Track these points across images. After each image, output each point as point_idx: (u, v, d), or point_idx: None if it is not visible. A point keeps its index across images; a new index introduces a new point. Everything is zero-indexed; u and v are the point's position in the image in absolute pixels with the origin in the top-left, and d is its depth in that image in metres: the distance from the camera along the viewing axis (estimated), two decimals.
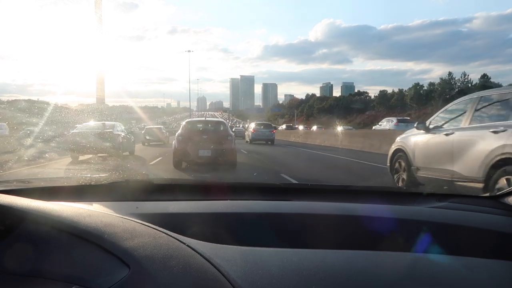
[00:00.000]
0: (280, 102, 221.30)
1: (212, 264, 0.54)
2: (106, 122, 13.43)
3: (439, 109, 5.16)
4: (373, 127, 25.87)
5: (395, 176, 5.46)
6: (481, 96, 4.25)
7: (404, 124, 20.04)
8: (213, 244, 0.65)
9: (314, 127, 44.56)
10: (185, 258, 0.54)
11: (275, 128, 30.62)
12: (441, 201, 1.10)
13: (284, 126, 51.55)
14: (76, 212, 0.65)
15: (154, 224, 0.67)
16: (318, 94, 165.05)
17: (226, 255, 0.60)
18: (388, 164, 5.68)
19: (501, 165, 3.44)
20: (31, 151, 12.01)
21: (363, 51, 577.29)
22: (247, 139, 23.80)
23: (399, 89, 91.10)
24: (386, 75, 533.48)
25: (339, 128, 28.82)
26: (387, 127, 20.97)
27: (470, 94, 4.64)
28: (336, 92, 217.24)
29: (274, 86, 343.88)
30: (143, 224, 0.65)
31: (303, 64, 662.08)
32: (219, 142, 8.78)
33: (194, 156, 8.50)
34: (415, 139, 5.06)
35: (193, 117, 63.89)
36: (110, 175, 1.24)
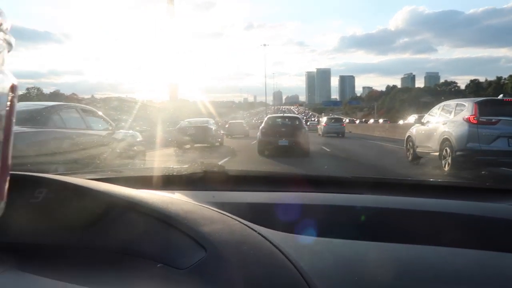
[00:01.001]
0: (358, 94, 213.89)
1: (281, 252, 0.56)
2: (202, 118, 15.80)
3: None
4: (403, 122, 30.36)
5: (407, 153, 8.76)
6: (444, 104, 7.65)
7: None
8: (283, 233, 0.68)
9: (381, 120, 46.12)
10: (256, 245, 0.58)
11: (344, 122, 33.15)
12: None
13: (347, 120, 53.11)
14: (161, 199, 0.71)
15: (228, 212, 0.71)
16: (399, 86, 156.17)
17: (295, 244, 0.62)
18: (404, 145, 9.09)
19: (444, 142, 6.58)
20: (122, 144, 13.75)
21: (449, 39, 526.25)
22: (320, 132, 25.36)
23: (496, 77, 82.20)
24: (475, 63, 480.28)
25: (401, 122, 32.70)
26: (412, 121, 22.76)
27: (441, 103, 7.99)
28: (419, 83, 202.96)
29: (352, 79, 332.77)
30: (219, 212, 0.70)
31: (382, 55, 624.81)
32: (295, 134, 10.42)
33: (274, 145, 10.26)
34: (416, 129, 8.36)
35: (268, 112, 66.00)
36: (190, 166, 1.34)
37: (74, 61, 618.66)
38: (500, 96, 6.83)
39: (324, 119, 27.26)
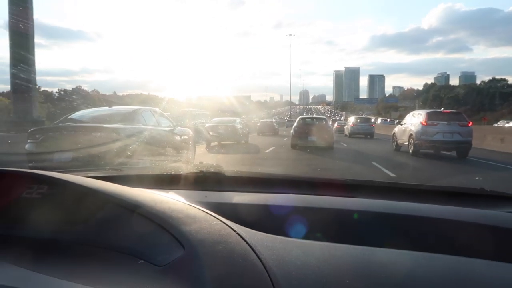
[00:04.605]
0: (387, 95, 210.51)
1: (254, 251, 0.58)
2: (230, 118, 17.01)
3: None
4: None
5: (393, 144, 13.18)
6: (412, 112, 12.47)
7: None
8: (263, 233, 0.68)
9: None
10: (232, 244, 0.59)
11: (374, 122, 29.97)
12: None
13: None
14: (152, 198, 0.75)
15: (217, 212, 0.74)
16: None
17: (272, 244, 0.63)
18: (391, 139, 13.56)
19: (410, 135, 11.26)
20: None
21: (485, 38, 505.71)
22: (346, 132, 24.70)
23: None
24: None
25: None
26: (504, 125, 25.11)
27: (413, 111, 12.77)
28: (453, 83, 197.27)
29: (381, 78, 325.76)
30: (205, 211, 0.73)
31: (413, 54, 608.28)
32: (322, 131, 12.75)
33: (304, 141, 12.63)
34: (397, 128, 12.99)
35: (293, 111, 67.48)
36: (187, 166, 1.38)
37: (105, 59, 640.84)
38: (442, 109, 12.08)
39: (351, 119, 25.71)
